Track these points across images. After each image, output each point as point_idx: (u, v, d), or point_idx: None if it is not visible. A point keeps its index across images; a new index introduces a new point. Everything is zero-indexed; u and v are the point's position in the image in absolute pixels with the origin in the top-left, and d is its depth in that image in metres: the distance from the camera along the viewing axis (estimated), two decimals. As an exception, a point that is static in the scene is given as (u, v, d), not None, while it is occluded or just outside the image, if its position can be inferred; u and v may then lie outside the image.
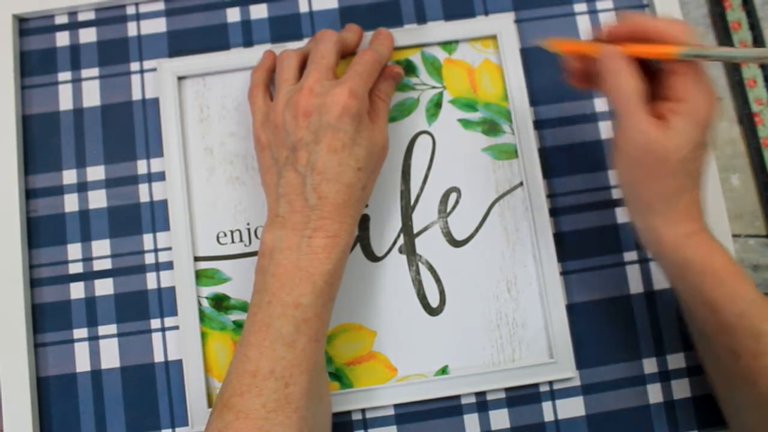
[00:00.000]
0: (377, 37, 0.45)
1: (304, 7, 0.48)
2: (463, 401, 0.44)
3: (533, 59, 0.47)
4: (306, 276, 0.37)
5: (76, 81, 0.47)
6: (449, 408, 0.44)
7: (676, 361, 0.44)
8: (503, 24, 0.47)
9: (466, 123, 0.47)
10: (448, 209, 0.46)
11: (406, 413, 0.44)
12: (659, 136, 0.34)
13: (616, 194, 0.46)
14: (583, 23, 0.48)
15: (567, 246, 0.45)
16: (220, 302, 0.45)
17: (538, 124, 0.47)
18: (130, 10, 0.48)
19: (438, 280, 0.45)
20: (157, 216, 0.46)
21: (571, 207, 0.46)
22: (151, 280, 0.45)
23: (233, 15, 0.48)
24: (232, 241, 0.45)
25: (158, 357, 0.44)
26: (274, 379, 0.36)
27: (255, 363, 0.36)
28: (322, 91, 0.39)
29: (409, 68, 0.47)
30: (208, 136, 0.47)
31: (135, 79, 0.47)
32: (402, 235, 0.46)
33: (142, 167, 0.46)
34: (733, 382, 0.36)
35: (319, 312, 0.38)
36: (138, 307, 0.45)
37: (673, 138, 0.34)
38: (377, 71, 0.43)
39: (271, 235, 0.39)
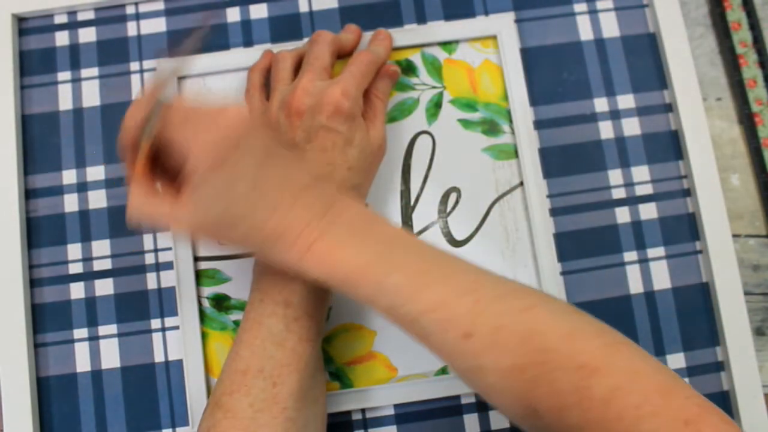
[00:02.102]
0: (376, 37, 0.45)
1: (304, 7, 0.48)
2: (463, 401, 0.44)
3: (533, 59, 0.47)
4: (297, 275, 0.37)
5: (76, 81, 0.47)
6: (449, 408, 0.44)
7: (676, 361, 0.44)
8: (503, 24, 0.47)
9: (466, 123, 0.47)
10: (448, 209, 0.46)
11: (406, 413, 0.44)
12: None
13: (616, 194, 0.46)
14: (583, 23, 0.48)
15: (567, 246, 0.45)
16: (220, 302, 0.45)
17: (538, 124, 0.47)
18: (130, 10, 0.48)
19: (438, 280, 0.45)
20: (157, 216, 0.45)
21: (571, 207, 0.46)
22: (151, 280, 0.45)
23: (233, 15, 0.48)
24: (232, 241, 0.45)
25: (158, 357, 0.44)
26: (263, 378, 0.36)
27: (246, 361, 0.36)
28: (315, 91, 0.39)
29: (409, 68, 0.47)
30: (208, 136, 0.47)
31: (135, 79, 0.47)
32: (402, 235, 0.46)
33: (142, 167, 0.46)
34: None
35: (311, 311, 0.38)
36: (138, 307, 0.45)
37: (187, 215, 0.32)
38: (373, 72, 0.43)
39: None
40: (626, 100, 0.47)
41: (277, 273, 0.37)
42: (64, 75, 0.47)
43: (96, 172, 0.46)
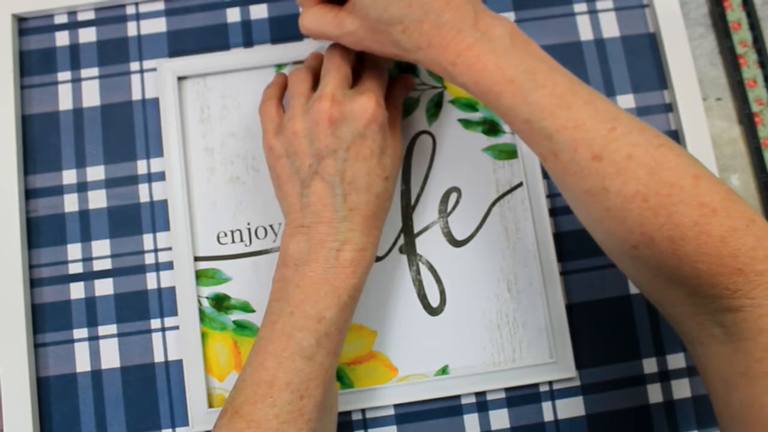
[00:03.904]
0: None
1: (304, 7, 0.48)
2: (463, 401, 0.44)
3: (533, 59, 0.47)
4: (332, 290, 0.37)
5: (76, 81, 0.47)
6: (449, 408, 0.44)
7: (676, 361, 0.44)
8: (503, 24, 0.47)
9: (466, 123, 0.47)
10: (449, 209, 0.46)
11: (406, 413, 0.44)
12: None
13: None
14: (583, 23, 0.48)
15: (567, 246, 0.45)
16: (220, 302, 0.45)
17: (539, 124, 0.47)
18: (130, 10, 0.48)
19: (438, 280, 0.45)
20: (157, 216, 0.46)
21: (571, 207, 0.46)
22: (151, 280, 0.45)
23: (233, 15, 0.48)
24: (233, 241, 0.45)
25: (158, 357, 0.44)
26: (290, 391, 0.35)
27: (272, 373, 0.36)
28: (344, 99, 0.38)
29: (409, 68, 0.47)
30: (208, 136, 0.47)
31: (135, 79, 0.47)
32: (402, 235, 0.46)
33: (142, 167, 0.46)
34: (556, 183, 0.36)
35: (341, 326, 0.37)
36: (138, 307, 0.45)
37: None
38: (387, 79, 0.43)
39: (295, 246, 0.38)
40: (626, 100, 0.47)
41: (308, 286, 0.37)
42: (64, 75, 0.47)
43: (96, 172, 0.46)
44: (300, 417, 0.35)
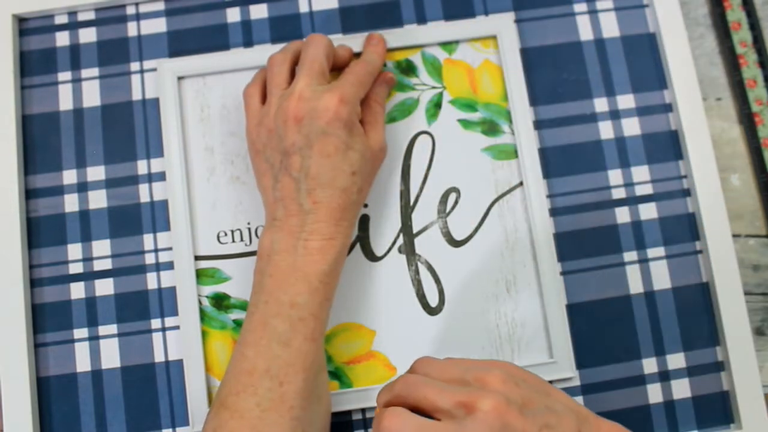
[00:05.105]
0: (369, 42, 0.45)
1: (304, 7, 0.48)
2: (463, 401, 0.44)
3: (533, 59, 0.47)
4: (302, 276, 0.38)
5: (76, 81, 0.47)
6: (449, 408, 0.44)
7: (676, 361, 0.44)
8: (503, 24, 0.47)
9: (465, 123, 0.47)
10: (448, 209, 0.46)
11: (405, 413, 0.43)
12: None
13: (616, 194, 0.46)
14: (583, 23, 0.48)
15: (567, 246, 0.45)
16: (220, 301, 0.45)
17: (538, 124, 0.47)
18: (130, 10, 0.48)
19: (437, 280, 0.45)
20: (158, 216, 0.46)
21: (571, 207, 0.46)
22: (151, 280, 0.45)
23: (233, 15, 0.48)
24: (233, 241, 0.45)
25: (159, 357, 0.44)
26: (269, 378, 0.36)
27: (251, 362, 0.37)
28: (312, 96, 0.39)
29: (409, 68, 0.47)
30: (208, 135, 0.47)
31: (135, 79, 0.47)
32: (401, 235, 0.46)
33: (142, 167, 0.46)
34: None
35: (315, 311, 0.38)
36: (138, 307, 0.45)
37: None
38: (371, 80, 0.43)
39: (268, 238, 0.39)
40: (626, 100, 0.47)
41: (279, 274, 0.38)
42: (64, 75, 0.47)
43: (96, 172, 0.46)
44: (281, 404, 0.36)
